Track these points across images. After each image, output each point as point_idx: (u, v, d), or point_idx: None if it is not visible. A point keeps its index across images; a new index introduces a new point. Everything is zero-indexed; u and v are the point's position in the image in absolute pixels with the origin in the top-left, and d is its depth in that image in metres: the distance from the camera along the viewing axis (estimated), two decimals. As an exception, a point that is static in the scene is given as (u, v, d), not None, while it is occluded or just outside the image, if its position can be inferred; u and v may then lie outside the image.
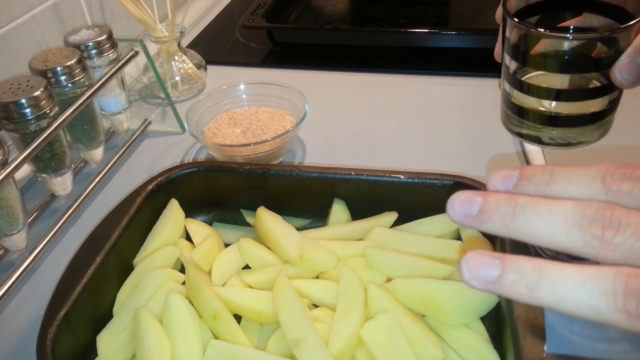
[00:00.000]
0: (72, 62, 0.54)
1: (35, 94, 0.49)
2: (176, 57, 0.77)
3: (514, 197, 0.23)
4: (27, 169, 0.58)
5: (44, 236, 0.54)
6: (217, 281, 0.47)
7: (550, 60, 0.38)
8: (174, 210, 0.51)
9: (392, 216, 0.50)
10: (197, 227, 0.52)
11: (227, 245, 0.51)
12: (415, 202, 0.49)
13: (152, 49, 0.74)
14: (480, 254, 0.23)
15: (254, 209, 0.52)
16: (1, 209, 0.48)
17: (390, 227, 0.50)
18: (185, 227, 0.52)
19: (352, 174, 0.50)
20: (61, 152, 0.54)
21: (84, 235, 0.47)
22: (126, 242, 0.47)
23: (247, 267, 0.49)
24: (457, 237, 0.49)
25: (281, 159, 0.64)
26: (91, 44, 0.59)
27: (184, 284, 0.46)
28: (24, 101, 0.48)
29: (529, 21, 0.40)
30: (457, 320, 0.41)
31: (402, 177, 0.49)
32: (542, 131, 0.41)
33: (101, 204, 0.61)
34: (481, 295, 0.40)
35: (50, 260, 0.54)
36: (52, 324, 0.40)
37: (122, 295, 0.46)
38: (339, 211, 0.51)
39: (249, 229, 0.53)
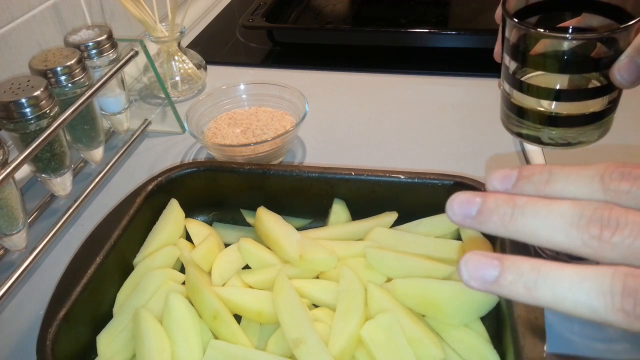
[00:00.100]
0: (72, 62, 0.54)
1: (35, 94, 0.49)
2: (176, 57, 0.77)
3: (513, 197, 0.23)
4: (27, 169, 0.58)
5: (44, 236, 0.54)
6: (217, 281, 0.47)
7: (549, 60, 0.38)
8: (174, 210, 0.51)
9: (392, 216, 0.50)
10: (197, 227, 0.52)
11: (227, 245, 0.51)
12: (415, 202, 0.49)
13: (152, 49, 0.74)
14: (478, 254, 0.23)
15: (254, 209, 0.52)
16: (1, 209, 0.48)
17: (390, 227, 0.50)
18: (185, 227, 0.52)
19: (352, 174, 0.50)
20: (61, 152, 0.54)
21: (84, 235, 0.47)
22: (126, 242, 0.47)
23: (247, 267, 0.49)
24: (457, 237, 0.49)
25: (281, 159, 0.64)
26: (91, 44, 0.59)
27: (184, 284, 0.46)
28: (24, 101, 0.49)
29: (529, 21, 0.40)
30: (457, 320, 0.41)
31: (402, 177, 0.49)
32: (542, 131, 0.41)
33: (101, 204, 0.61)
34: (481, 295, 0.40)
35: (50, 260, 0.54)
36: (52, 324, 0.40)
37: (122, 295, 0.46)
38: (339, 211, 0.51)
39: (249, 229, 0.53)
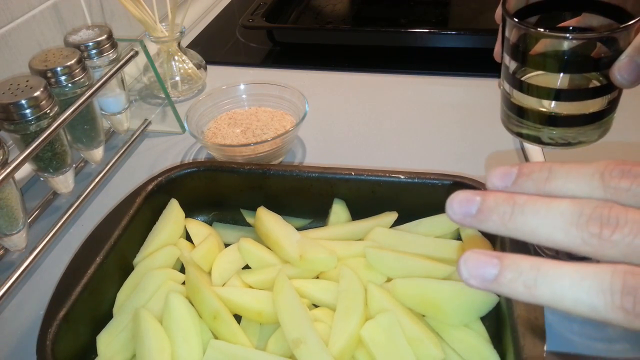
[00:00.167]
0: (72, 62, 0.54)
1: (35, 95, 0.49)
2: (176, 57, 0.77)
3: (513, 196, 0.23)
4: (28, 169, 0.58)
5: (44, 236, 0.54)
6: (217, 281, 0.47)
7: (549, 60, 0.38)
8: (174, 210, 0.51)
9: (392, 216, 0.50)
10: (197, 227, 0.52)
11: (227, 245, 0.51)
12: (415, 202, 0.49)
13: (152, 49, 0.74)
14: (478, 253, 0.23)
15: (254, 209, 0.52)
16: (1, 209, 0.48)
17: (390, 227, 0.50)
18: (185, 227, 0.52)
19: (352, 174, 0.50)
20: (62, 151, 0.54)
21: (84, 235, 0.47)
22: (126, 242, 0.47)
23: (247, 267, 0.49)
24: (457, 237, 0.49)
25: (281, 159, 0.64)
26: (91, 44, 0.59)
27: (184, 284, 0.46)
28: (23, 102, 0.48)
29: (529, 21, 0.40)
30: (457, 320, 0.41)
31: (402, 177, 0.49)
32: (542, 131, 0.41)
33: (101, 203, 0.61)
34: (481, 295, 0.40)
35: (50, 260, 0.54)
36: (52, 324, 0.40)
37: (122, 295, 0.46)
38: (339, 211, 0.51)
39: (249, 229, 0.53)
